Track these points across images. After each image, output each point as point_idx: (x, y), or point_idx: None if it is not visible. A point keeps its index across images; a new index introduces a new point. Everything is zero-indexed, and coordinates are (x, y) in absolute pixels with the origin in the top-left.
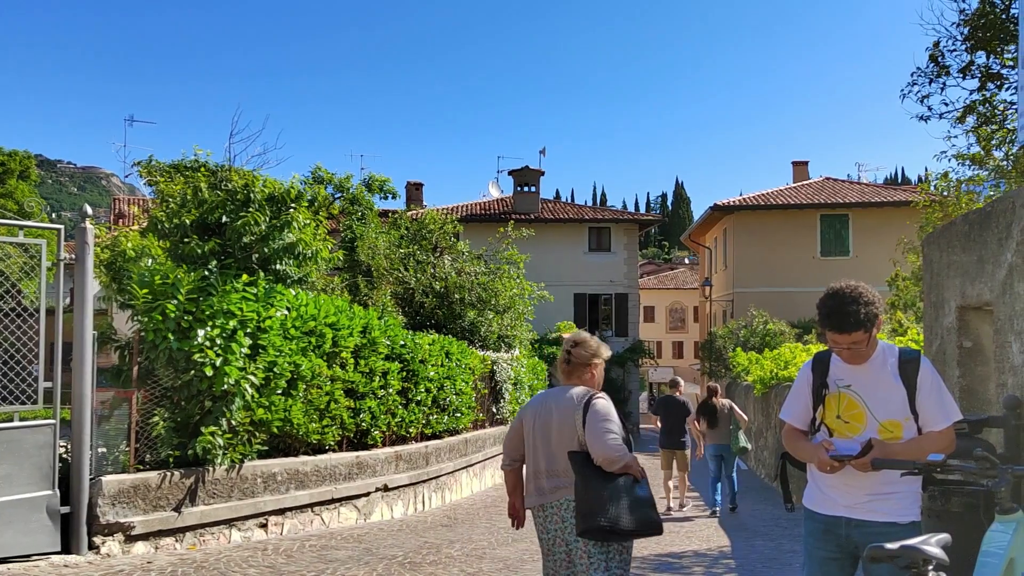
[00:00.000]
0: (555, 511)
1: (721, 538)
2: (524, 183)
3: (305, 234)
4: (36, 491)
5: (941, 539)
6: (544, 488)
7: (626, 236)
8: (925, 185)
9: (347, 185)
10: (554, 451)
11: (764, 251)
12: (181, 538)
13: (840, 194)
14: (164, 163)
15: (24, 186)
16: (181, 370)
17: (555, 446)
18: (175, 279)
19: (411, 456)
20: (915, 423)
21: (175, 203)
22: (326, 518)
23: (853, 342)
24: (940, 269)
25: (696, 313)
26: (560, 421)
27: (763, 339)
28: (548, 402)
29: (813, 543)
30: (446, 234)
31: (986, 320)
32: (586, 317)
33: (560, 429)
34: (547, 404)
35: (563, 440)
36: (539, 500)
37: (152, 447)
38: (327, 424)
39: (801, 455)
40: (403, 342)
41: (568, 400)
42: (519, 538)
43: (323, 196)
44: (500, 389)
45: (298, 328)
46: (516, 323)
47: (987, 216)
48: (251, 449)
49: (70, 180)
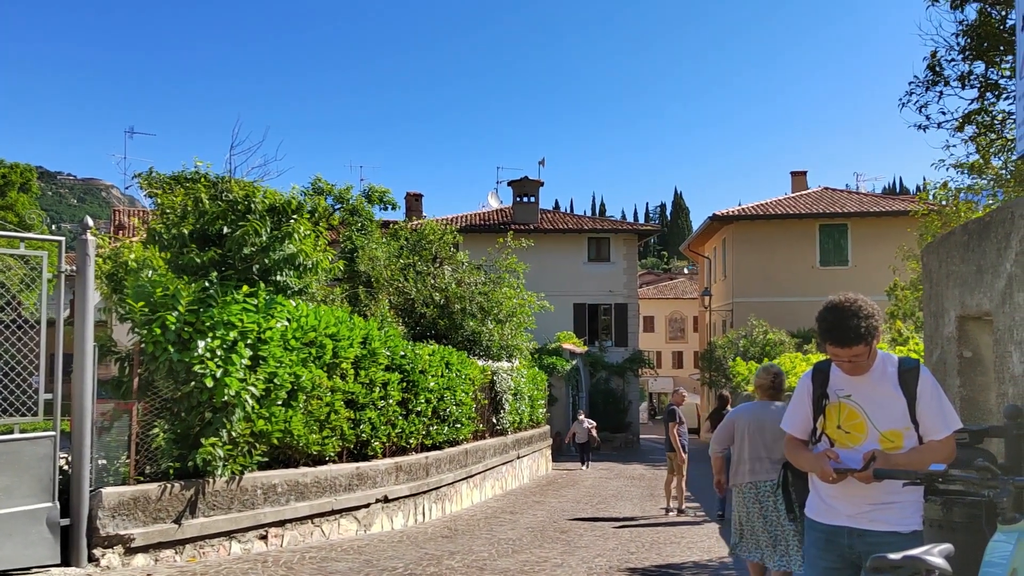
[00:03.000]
0: (766, 488)
1: (722, 548)
2: (523, 193)
3: (306, 245)
4: (36, 503)
5: (944, 549)
6: (757, 469)
7: (625, 246)
8: (923, 194)
9: (347, 196)
10: (770, 446)
11: (763, 261)
12: (181, 550)
13: (839, 204)
14: (164, 175)
15: (25, 198)
16: (181, 381)
17: (771, 442)
18: (175, 290)
19: (411, 467)
20: (916, 432)
21: (175, 214)
22: (326, 530)
23: (854, 355)
24: (939, 279)
25: (696, 323)
26: (773, 424)
27: (763, 349)
28: (758, 411)
29: (815, 553)
30: (446, 244)
31: (986, 330)
32: (586, 327)
33: (774, 430)
34: (758, 412)
35: (777, 438)
36: (752, 478)
37: (152, 459)
38: (327, 435)
39: (802, 465)
40: (403, 353)
41: (778, 410)
42: (519, 549)
43: (323, 207)
44: (500, 400)
45: (298, 339)
46: (516, 333)
47: (986, 226)
48: (251, 460)
49: (70, 192)
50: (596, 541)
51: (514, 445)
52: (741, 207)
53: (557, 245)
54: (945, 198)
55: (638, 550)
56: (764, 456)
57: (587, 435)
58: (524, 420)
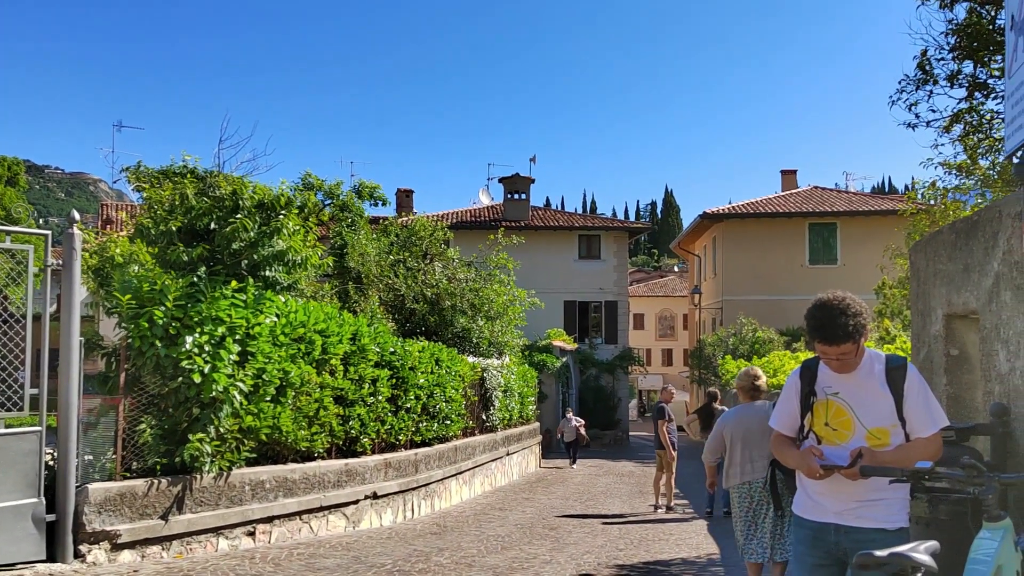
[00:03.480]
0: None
1: (710, 545)
2: (514, 190)
3: (295, 241)
4: (21, 499)
5: (930, 546)
6: (748, 470)
7: (616, 244)
8: (912, 194)
9: (337, 192)
10: (758, 443)
11: (753, 259)
12: (168, 546)
13: (828, 203)
14: (153, 169)
15: (12, 192)
16: (169, 377)
17: (759, 439)
18: (162, 285)
19: (400, 464)
20: (903, 430)
21: (163, 210)
22: (315, 526)
23: (842, 353)
24: (927, 277)
25: (685, 321)
26: (759, 421)
27: (752, 347)
28: (742, 413)
29: (803, 550)
30: (436, 241)
31: (972, 328)
32: (576, 324)
33: (760, 428)
34: (742, 414)
35: (764, 433)
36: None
37: (139, 455)
38: (316, 431)
39: (789, 462)
40: (393, 349)
41: (760, 407)
42: (508, 546)
43: (313, 202)
44: (490, 396)
45: (287, 335)
46: (507, 330)
47: (973, 225)
48: (239, 456)
49: (58, 186)
50: (585, 538)
51: (504, 442)
52: (731, 205)
53: (548, 242)
54: (933, 197)
55: (627, 547)
56: (756, 456)
57: (575, 433)
58: (514, 417)
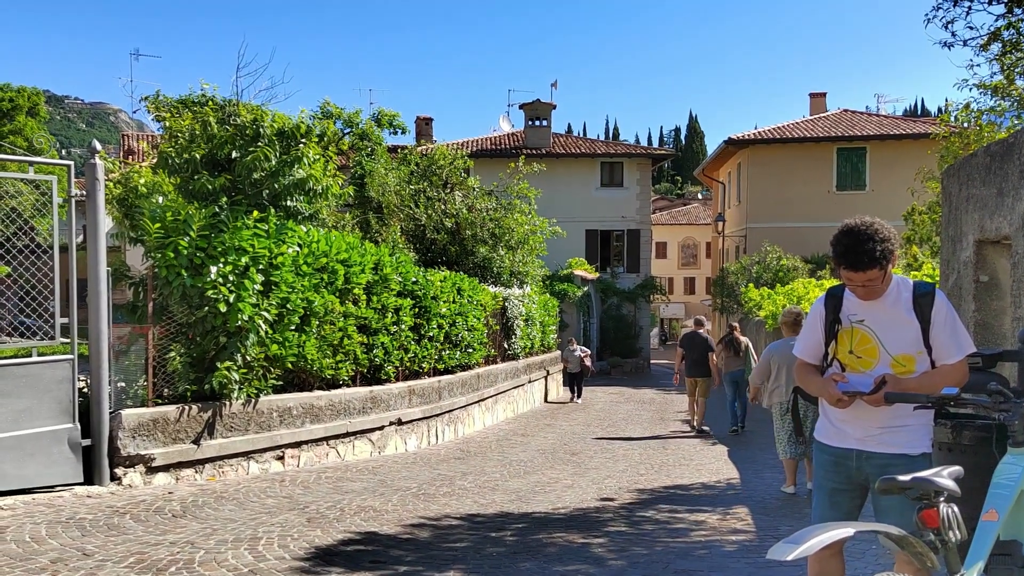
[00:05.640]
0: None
1: (731, 470)
2: (535, 117)
3: (315, 170)
4: (57, 424)
5: (953, 471)
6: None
7: (639, 171)
8: (945, 116)
9: (356, 120)
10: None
11: (778, 186)
12: (201, 469)
13: (858, 127)
14: (172, 98)
15: (33, 123)
16: (195, 306)
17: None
18: (187, 216)
19: (424, 391)
20: (928, 357)
21: (184, 139)
22: (341, 451)
23: (868, 279)
24: (959, 203)
25: (708, 249)
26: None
27: (776, 275)
28: (784, 346)
29: (823, 475)
30: (456, 170)
31: (1004, 254)
32: (598, 253)
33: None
34: (784, 348)
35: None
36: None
37: (170, 382)
38: (341, 360)
39: (812, 390)
40: (415, 279)
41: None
42: (530, 471)
43: (332, 131)
44: (512, 325)
45: (310, 265)
46: (528, 259)
47: (1009, 148)
48: (266, 384)
49: (78, 116)
50: (606, 463)
51: (525, 370)
52: (757, 131)
53: (569, 170)
54: (967, 120)
55: (647, 472)
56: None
57: (579, 364)
58: (535, 345)
